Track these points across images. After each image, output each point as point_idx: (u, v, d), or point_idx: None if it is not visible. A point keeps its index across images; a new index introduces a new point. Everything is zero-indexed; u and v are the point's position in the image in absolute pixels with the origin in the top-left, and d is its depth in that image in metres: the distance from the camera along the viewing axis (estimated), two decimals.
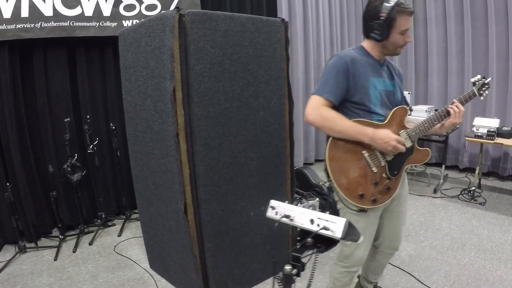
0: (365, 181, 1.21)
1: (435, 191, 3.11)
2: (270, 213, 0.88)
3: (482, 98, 1.28)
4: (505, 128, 2.78)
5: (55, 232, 2.44)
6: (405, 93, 3.22)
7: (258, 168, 1.70)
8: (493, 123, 2.83)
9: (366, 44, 1.26)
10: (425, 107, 3.07)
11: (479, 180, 3.09)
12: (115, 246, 2.32)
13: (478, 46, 3.27)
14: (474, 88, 1.26)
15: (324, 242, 0.79)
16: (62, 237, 2.33)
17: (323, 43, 3.77)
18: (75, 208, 2.46)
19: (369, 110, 1.22)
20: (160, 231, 1.81)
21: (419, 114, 3.01)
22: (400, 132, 1.23)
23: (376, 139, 1.15)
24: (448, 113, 1.22)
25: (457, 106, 1.21)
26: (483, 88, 1.26)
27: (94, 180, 2.52)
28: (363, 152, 1.21)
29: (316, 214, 0.79)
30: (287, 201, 0.88)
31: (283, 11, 3.38)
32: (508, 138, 2.73)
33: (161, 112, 1.53)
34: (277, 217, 0.85)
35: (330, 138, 1.22)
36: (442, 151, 3.49)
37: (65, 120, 2.28)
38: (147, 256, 2.06)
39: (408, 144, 1.23)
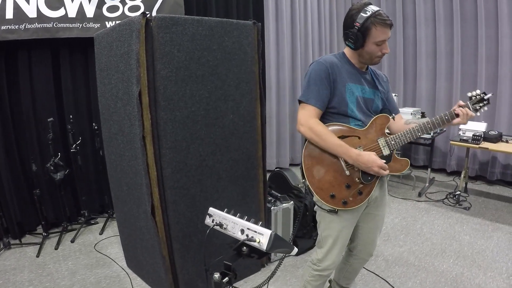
0: (337, 183, 1.23)
1: (419, 194, 3.08)
2: (207, 220, 0.89)
3: (478, 114, 1.25)
4: (492, 133, 2.74)
5: (40, 229, 2.49)
6: (392, 95, 3.19)
7: (227, 171, 1.72)
8: (480, 127, 2.79)
9: (347, 50, 1.29)
10: (411, 110, 3.05)
11: (465, 184, 3.06)
12: (95, 244, 2.36)
13: (468, 49, 3.22)
14: (469, 103, 1.23)
15: (257, 252, 0.79)
16: (45, 234, 2.38)
17: (311, 44, 3.75)
18: (58, 206, 2.50)
19: (346, 114, 1.24)
20: (133, 231, 1.84)
21: (405, 116, 2.97)
22: (378, 139, 1.25)
23: (359, 163, 1.18)
24: (427, 130, 1.23)
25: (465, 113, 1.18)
26: (481, 104, 1.23)
27: (78, 179, 2.56)
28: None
29: (247, 225, 0.80)
30: (226, 210, 0.89)
31: (270, 13, 3.37)
32: (495, 142, 2.70)
33: (130, 115, 1.55)
34: (213, 224, 0.86)
35: None
36: (429, 154, 3.46)
37: (48, 120, 2.32)
38: (124, 254, 2.10)
39: (386, 152, 1.24)
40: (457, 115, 1.21)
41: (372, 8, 1.17)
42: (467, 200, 2.93)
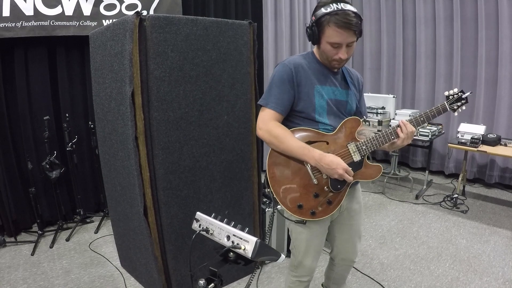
0: (304, 192, 1.15)
1: (417, 197, 3.06)
2: (194, 225, 0.88)
3: (456, 114, 1.19)
4: (490, 136, 2.72)
5: (35, 227, 2.49)
6: (390, 96, 3.18)
7: (221, 173, 1.71)
8: (479, 129, 2.77)
9: (315, 50, 1.21)
10: (409, 111, 3.03)
11: (463, 187, 3.05)
12: (90, 243, 2.36)
13: (467, 50, 3.19)
14: (446, 102, 1.17)
15: (244, 258, 0.78)
16: (40, 232, 2.38)
17: (310, 43, 3.73)
18: (54, 204, 2.50)
19: (313, 119, 1.17)
20: (126, 231, 1.84)
21: (403, 118, 2.95)
22: (348, 144, 1.17)
23: (322, 164, 1.09)
24: (397, 135, 1.14)
25: (406, 128, 1.12)
26: (458, 103, 1.17)
27: (73, 177, 2.56)
28: (305, 162, 1.15)
29: (233, 231, 0.79)
30: (213, 214, 0.88)
31: (268, 12, 3.35)
32: (493, 145, 2.68)
33: (123, 115, 1.54)
34: (199, 229, 0.85)
35: None
36: (427, 156, 3.44)
37: (45, 118, 2.31)
38: (118, 254, 2.10)
39: (357, 158, 1.16)
40: (397, 135, 1.13)
41: (339, 6, 1.04)
42: (464, 203, 2.91)
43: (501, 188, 3.23)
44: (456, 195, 2.86)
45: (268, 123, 1.14)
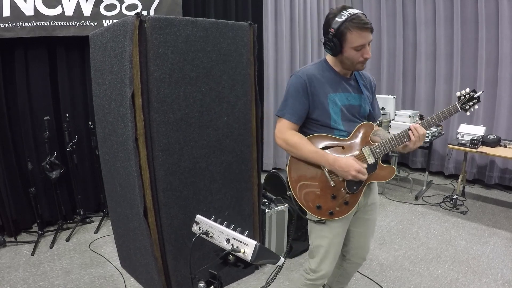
0: (323, 194, 1.22)
1: (416, 198, 3.07)
2: (194, 228, 0.88)
3: (468, 113, 1.21)
4: (490, 137, 2.72)
5: (35, 227, 2.50)
6: (390, 97, 3.18)
7: (221, 174, 1.71)
8: (479, 130, 2.78)
9: (329, 57, 1.25)
10: (408, 112, 3.03)
11: (463, 188, 3.05)
12: (90, 243, 2.36)
13: (467, 51, 3.20)
14: (457, 103, 1.19)
15: (243, 261, 0.79)
16: (40, 232, 2.38)
17: (310, 44, 3.74)
18: (54, 204, 2.51)
19: (329, 126, 1.23)
20: (126, 232, 1.84)
21: (403, 119, 2.96)
22: (363, 148, 1.22)
23: (335, 167, 1.17)
24: (409, 137, 1.19)
25: (417, 131, 1.16)
26: (470, 103, 1.19)
27: (73, 177, 2.56)
28: (322, 166, 1.22)
29: (233, 234, 0.79)
30: (213, 217, 0.88)
31: (269, 13, 3.35)
32: (493, 147, 2.68)
33: (123, 116, 1.54)
34: (199, 232, 0.85)
35: None
36: (427, 156, 3.44)
37: (45, 118, 2.31)
38: (118, 254, 2.10)
39: (371, 160, 1.22)
40: (410, 137, 1.17)
41: (350, 12, 1.11)
42: (464, 204, 2.92)
43: (501, 189, 3.23)
44: (455, 196, 2.87)
45: (285, 133, 1.22)
